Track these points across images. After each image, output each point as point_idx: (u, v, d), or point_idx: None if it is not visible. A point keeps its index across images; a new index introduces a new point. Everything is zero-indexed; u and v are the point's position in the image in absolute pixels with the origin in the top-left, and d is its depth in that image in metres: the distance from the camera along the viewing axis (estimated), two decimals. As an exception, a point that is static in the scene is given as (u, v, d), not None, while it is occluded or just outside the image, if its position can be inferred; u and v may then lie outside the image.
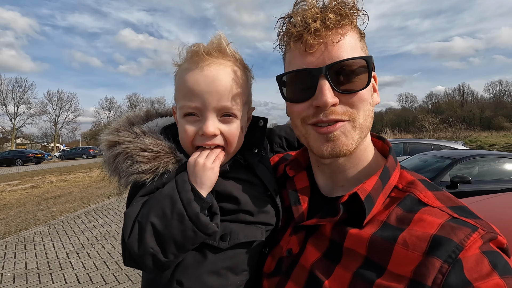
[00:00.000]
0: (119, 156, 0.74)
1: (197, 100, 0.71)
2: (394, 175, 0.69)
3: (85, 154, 44.95)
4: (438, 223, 0.56)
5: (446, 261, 0.51)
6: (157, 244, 0.66)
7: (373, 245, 0.59)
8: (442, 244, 0.53)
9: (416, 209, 0.61)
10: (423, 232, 0.56)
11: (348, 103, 0.65)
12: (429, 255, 0.52)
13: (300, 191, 0.80)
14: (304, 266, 0.68)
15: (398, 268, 0.54)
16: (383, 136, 0.83)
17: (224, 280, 0.73)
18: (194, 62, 0.72)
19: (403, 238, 0.57)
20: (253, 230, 0.76)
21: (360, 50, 0.66)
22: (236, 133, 0.76)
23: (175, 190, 0.68)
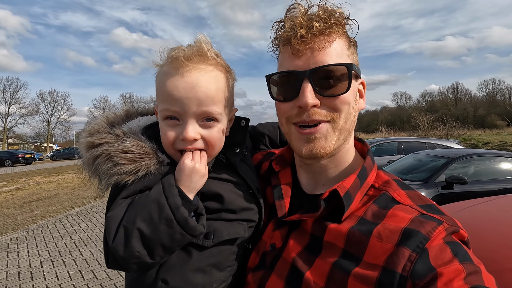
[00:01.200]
0: (99, 157, 0.74)
1: (177, 105, 0.72)
2: (371, 174, 0.75)
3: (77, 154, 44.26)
4: (409, 218, 0.62)
5: (415, 250, 0.56)
6: (144, 248, 0.66)
7: (351, 238, 0.64)
8: (411, 235, 0.58)
9: (390, 206, 0.67)
10: (395, 226, 0.61)
11: (329, 106, 0.69)
12: (400, 245, 0.58)
13: (283, 187, 0.84)
14: (287, 260, 0.71)
15: (372, 258, 0.59)
16: (362, 137, 0.89)
17: (209, 277, 0.74)
18: (174, 68, 0.73)
19: (377, 231, 0.62)
20: (236, 227, 0.78)
21: (346, 57, 0.70)
22: (217, 136, 0.77)
23: (162, 195, 0.68)
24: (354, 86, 0.72)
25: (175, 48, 0.75)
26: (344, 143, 0.75)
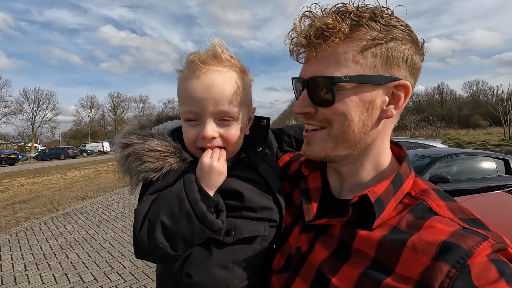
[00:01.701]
0: (130, 156, 0.79)
1: (195, 106, 0.76)
2: (407, 181, 0.71)
3: (63, 155, 43.31)
4: (448, 231, 0.57)
5: (454, 266, 0.52)
6: (166, 240, 0.70)
7: (382, 247, 0.60)
8: (451, 249, 0.53)
9: (427, 216, 0.62)
10: (432, 238, 0.57)
11: (322, 114, 0.70)
12: (438, 259, 0.53)
13: (312, 190, 0.83)
14: (312, 264, 0.69)
15: (406, 271, 0.56)
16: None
17: (230, 273, 0.76)
18: (191, 71, 0.77)
19: (412, 242, 0.58)
20: (256, 226, 0.79)
21: (352, 64, 0.65)
22: (235, 134, 0.80)
23: (182, 190, 0.72)
24: (364, 96, 0.67)
25: (192, 53, 0.79)
26: (361, 153, 0.73)
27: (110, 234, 6.40)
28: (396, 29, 0.65)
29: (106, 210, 8.68)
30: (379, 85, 0.67)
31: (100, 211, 8.53)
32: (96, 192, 11.87)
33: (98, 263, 4.93)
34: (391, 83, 0.67)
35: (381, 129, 0.71)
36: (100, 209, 8.79)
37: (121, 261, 4.95)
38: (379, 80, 0.66)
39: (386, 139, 0.75)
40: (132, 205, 9.03)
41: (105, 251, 5.46)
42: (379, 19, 0.65)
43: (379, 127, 0.71)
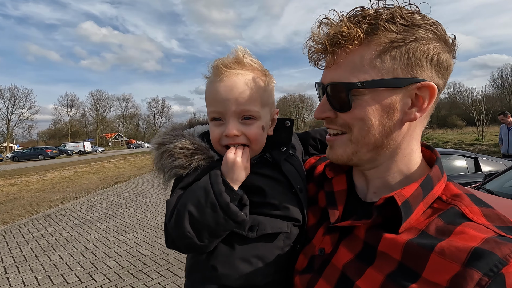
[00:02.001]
0: (164, 154, 0.86)
1: (219, 106, 0.82)
2: (438, 185, 0.68)
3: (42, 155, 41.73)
4: (481, 237, 0.54)
5: (487, 274, 0.49)
6: (193, 229, 0.75)
7: (409, 251, 0.58)
8: (483, 257, 0.50)
9: (458, 222, 0.59)
10: (463, 244, 0.54)
11: (342, 119, 0.70)
12: (468, 266, 0.50)
13: (338, 193, 0.83)
14: (336, 266, 0.69)
15: (433, 276, 0.53)
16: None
17: (254, 268, 0.79)
18: (216, 75, 0.83)
19: (441, 247, 0.55)
20: (279, 223, 0.82)
21: (369, 69, 0.65)
22: (256, 132, 0.84)
23: (208, 183, 0.77)
24: (383, 100, 0.65)
25: (216, 59, 0.86)
26: (382, 156, 0.72)
27: (94, 235, 6.33)
28: (419, 28, 0.63)
29: (89, 211, 8.54)
30: (400, 88, 0.65)
31: (83, 212, 8.38)
32: (78, 193, 11.60)
33: (82, 264, 4.89)
34: (413, 85, 0.64)
35: (405, 132, 0.70)
36: (82, 210, 8.63)
37: (106, 262, 4.94)
38: (398, 83, 0.64)
39: (413, 141, 0.73)
40: (115, 206, 8.93)
41: (89, 252, 5.41)
42: (398, 20, 0.62)
43: (403, 130, 0.69)
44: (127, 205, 9.12)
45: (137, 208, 8.59)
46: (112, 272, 4.54)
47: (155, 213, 7.94)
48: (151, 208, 8.59)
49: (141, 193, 11.06)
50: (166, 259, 4.91)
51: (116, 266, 4.75)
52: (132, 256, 5.11)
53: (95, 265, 4.82)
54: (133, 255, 5.15)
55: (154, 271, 4.52)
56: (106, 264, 4.84)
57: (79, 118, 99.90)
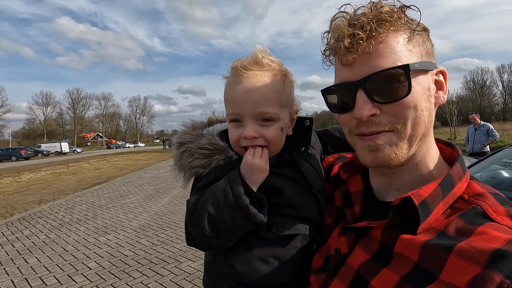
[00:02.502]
0: (184, 154, 0.87)
1: (238, 108, 0.82)
2: (459, 184, 0.65)
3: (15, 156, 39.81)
4: (505, 239, 0.51)
5: (509, 277, 0.46)
6: (212, 229, 0.77)
7: (426, 252, 0.56)
8: (505, 258, 0.48)
9: (480, 222, 0.57)
10: (484, 245, 0.51)
11: (390, 113, 0.63)
12: (489, 268, 0.48)
13: (354, 194, 0.81)
14: (352, 266, 0.68)
15: (451, 278, 0.51)
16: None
17: (271, 267, 0.80)
18: (235, 76, 0.83)
19: (460, 247, 0.53)
20: (297, 224, 0.82)
21: (407, 53, 0.62)
22: (275, 134, 0.84)
23: (227, 184, 0.78)
24: (423, 83, 0.64)
25: (236, 60, 0.86)
26: (420, 147, 0.68)
27: (73, 237, 6.21)
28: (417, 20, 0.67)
29: (67, 213, 8.33)
30: (430, 71, 0.66)
31: (61, 214, 8.17)
32: (56, 195, 11.25)
33: (61, 266, 4.81)
34: (435, 69, 0.67)
35: (432, 120, 0.69)
36: (60, 212, 8.41)
37: (86, 263, 4.88)
38: (432, 66, 0.65)
39: (432, 133, 0.72)
40: (95, 208, 8.76)
41: (68, 254, 5.32)
42: (412, 8, 0.65)
43: (433, 116, 0.68)
44: (107, 206, 8.96)
45: (118, 209, 8.47)
46: (93, 273, 4.51)
47: (137, 214, 7.87)
48: (132, 208, 8.49)
49: (122, 194, 10.88)
50: (149, 259, 4.92)
51: (97, 267, 4.71)
52: (113, 257, 5.08)
53: (74, 267, 4.76)
54: (114, 256, 5.12)
55: (136, 270, 4.53)
56: (87, 265, 4.79)
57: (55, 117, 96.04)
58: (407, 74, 0.61)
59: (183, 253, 5.11)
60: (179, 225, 6.72)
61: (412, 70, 0.61)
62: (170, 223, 6.92)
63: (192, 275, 4.29)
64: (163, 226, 6.71)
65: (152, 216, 7.56)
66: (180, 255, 5.01)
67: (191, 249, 5.25)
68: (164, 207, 8.52)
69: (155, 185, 12.31)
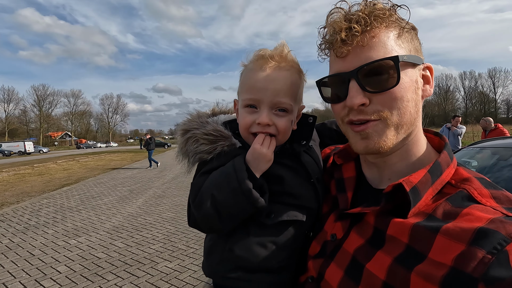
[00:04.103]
0: (189, 140, 0.90)
1: (258, 94, 0.84)
2: (448, 171, 0.69)
3: None
4: (487, 218, 0.55)
5: (490, 252, 0.49)
6: (215, 211, 0.79)
7: (415, 233, 0.60)
8: (487, 236, 0.51)
9: (466, 204, 0.60)
10: (468, 224, 0.55)
11: (379, 103, 0.67)
12: (473, 245, 0.51)
13: (347, 180, 0.85)
14: (347, 251, 0.71)
15: (438, 256, 0.54)
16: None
17: (269, 252, 0.83)
18: (259, 64, 0.85)
19: (446, 228, 0.56)
20: (295, 212, 0.85)
21: (396, 48, 0.67)
22: (286, 125, 0.87)
23: (233, 169, 0.80)
24: (411, 76, 0.68)
25: (261, 49, 0.90)
26: (409, 136, 0.72)
27: (40, 241, 5.89)
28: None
29: (33, 215, 7.86)
30: (417, 66, 0.71)
31: (26, 217, 7.70)
32: (19, 197, 10.56)
33: (27, 271, 4.55)
34: (422, 65, 0.72)
35: (419, 111, 0.73)
36: (25, 215, 7.92)
37: (55, 267, 4.66)
38: (419, 60, 0.70)
39: (420, 124, 0.76)
40: (64, 210, 8.35)
41: (35, 258, 5.04)
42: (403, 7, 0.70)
43: (420, 108, 0.73)
44: (78, 208, 8.57)
45: (90, 211, 8.13)
46: (63, 277, 4.32)
47: (110, 215, 7.60)
48: (105, 210, 8.19)
49: (94, 195, 10.44)
50: (123, 260, 4.80)
51: (67, 271, 4.51)
52: (85, 260, 4.89)
53: (42, 271, 4.53)
54: (86, 259, 4.93)
55: (110, 273, 4.40)
56: (56, 269, 4.57)
57: (18, 114, 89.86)
58: (396, 65, 0.65)
59: (159, 253, 5.03)
60: (155, 226, 6.59)
61: (401, 62, 0.66)
62: (146, 224, 6.77)
63: (168, 275, 4.25)
64: (138, 227, 6.55)
65: (127, 218, 7.34)
66: (156, 256, 4.93)
67: (167, 249, 5.19)
68: (139, 208, 8.30)
69: (129, 186, 11.93)
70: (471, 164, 4.22)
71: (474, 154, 4.34)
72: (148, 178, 14.21)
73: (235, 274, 0.84)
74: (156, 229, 6.33)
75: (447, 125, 9.41)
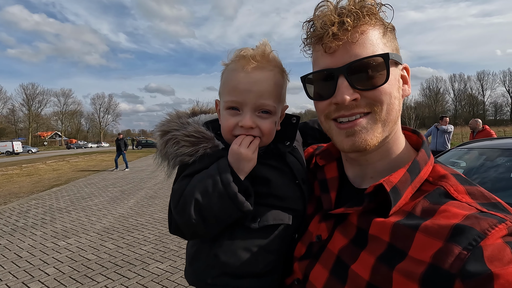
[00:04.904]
0: (169, 142, 0.86)
1: (240, 96, 0.81)
2: (425, 168, 0.70)
3: None
4: (463, 214, 0.56)
5: (466, 248, 0.51)
6: (199, 216, 0.76)
7: (396, 231, 0.61)
8: (464, 232, 0.53)
9: (443, 201, 0.62)
10: (446, 221, 0.56)
11: (369, 98, 0.68)
12: (450, 242, 0.53)
13: (330, 180, 0.85)
14: (332, 251, 0.71)
15: (418, 254, 0.56)
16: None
17: (255, 256, 0.81)
18: (241, 65, 0.82)
19: (425, 225, 0.58)
20: (281, 214, 0.84)
21: (382, 46, 0.68)
22: (270, 127, 0.85)
23: (217, 172, 0.78)
24: (395, 74, 0.70)
25: (242, 49, 0.86)
26: (390, 134, 0.73)
27: (28, 243, 5.77)
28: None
29: (21, 217, 7.70)
30: (399, 65, 0.72)
31: (14, 219, 7.53)
32: (7, 198, 10.32)
33: (14, 274, 4.45)
34: (401, 65, 0.73)
35: (400, 110, 0.73)
36: (13, 217, 7.75)
37: (43, 269, 4.57)
38: (400, 60, 0.71)
39: (400, 122, 0.76)
40: (54, 211, 8.19)
41: (23, 260, 4.94)
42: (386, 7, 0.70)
43: (401, 107, 0.73)
44: (67, 209, 8.42)
45: (80, 212, 8.00)
46: (51, 279, 4.24)
47: (101, 216, 7.50)
48: (96, 211, 8.07)
49: (84, 196, 10.28)
50: (114, 262, 4.73)
51: (56, 273, 4.43)
52: (74, 261, 4.81)
53: (30, 273, 4.44)
54: (75, 260, 4.85)
55: (100, 274, 4.33)
56: (44, 271, 4.48)
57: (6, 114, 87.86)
58: (386, 62, 0.66)
59: (151, 254, 4.98)
60: (146, 226, 6.52)
61: (390, 60, 0.67)
62: (137, 225, 6.69)
63: (160, 276, 4.21)
64: (129, 228, 6.47)
65: (118, 219, 7.25)
66: (147, 257, 4.88)
67: (159, 250, 5.14)
68: (131, 209, 8.20)
69: (120, 187, 11.77)
70: (460, 165, 4.31)
71: (463, 155, 4.43)
72: (140, 178, 14.05)
73: (221, 281, 0.82)
74: (148, 230, 6.27)
75: (436, 125, 9.57)
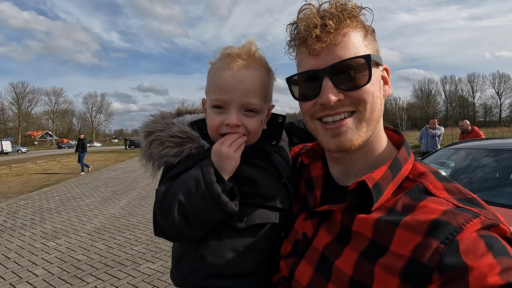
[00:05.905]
0: (153, 142, 0.85)
1: (226, 95, 0.81)
2: (406, 166, 0.73)
3: None
4: (441, 210, 0.59)
5: (443, 242, 0.54)
6: (183, 218, 0.75)
7: (378, 228, 0.63)
8: (441, 227, 0.55)
9: (422, 197, 0.65)
10: (424, 217, 0.59)
11: (353, 98, 0.70)
12: (428, 236, 0.55)
13: (315, 179, 0.86)
14: (317, 248, 0.73)
15: (399, 248, 0.58)
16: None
17: (242, 257, 0.80)
18: (226, 63, 0.82)
19: (405, 221, 0.60)
20: (268, 214, 0.84)
21: (363, 48, 0.70)
22: (256, 125, 0.85)
23: (199, 173, 0.77)
24: (377, 75, 0.72)
25: (228, 47, 0.86)
26: (374, 133, 0.75)
27: (16, 243, 5.67)
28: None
29: (9, 217, 7.57)
30: (380, 66, 0.75)
31: (2, 219, 7.40)
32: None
33: (1, 275, 4.38)
34: (382, 66, 0.76)
35: (382, 109, 0.76)
36: (1, 217, 7.61)
37: (32, 270, 4.50)
38: (381, 61, 0.74)
39: (382, 121, 0.79)
40: (43, 211, 8.07)
41: (11, 261, 4.85)
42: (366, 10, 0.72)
43: (383, 107, 0.76)
44: (58, 209, 8.31)
45: (70, 212, 7.90)
46: (40, 280, 4.18)
47: (91, 217, 7.42)
48: (86, 211, 7.97)
49: (75, 196, 10.15)
50: (104, 262, 4.69)
51: (45, 274, 4.37)
52: (64, 262, 4.75)
53: (18, 275, 4.37)
54: (65, 261, 4.79)
55: (90, 275, 4.29)
56: (33, 273, 4.42)
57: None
58: (368, 63, 0.69)
59: (142, 255, 4.95)
60: (138, 227, 6.47)
61: (372, 61, 0.70)
62: (129, 225, 6.64)
63: (151, 276, 4.19)
64: (120, 228, 6.41)
65: (109, 219, 7.18)
66: (138, 257, 4.85)
67: (150, 250, 5.11)
68: (122, 209, 8.13)
69: (112, 187, 11.66)
70: (449, 165, 4.40)
71: (451, 155, 4.52)
72: (132, 178, 13.94)
73: (208, 282, 0.82)
74: (139, 230, 6.22)
75: (426, 127, 9.74)
